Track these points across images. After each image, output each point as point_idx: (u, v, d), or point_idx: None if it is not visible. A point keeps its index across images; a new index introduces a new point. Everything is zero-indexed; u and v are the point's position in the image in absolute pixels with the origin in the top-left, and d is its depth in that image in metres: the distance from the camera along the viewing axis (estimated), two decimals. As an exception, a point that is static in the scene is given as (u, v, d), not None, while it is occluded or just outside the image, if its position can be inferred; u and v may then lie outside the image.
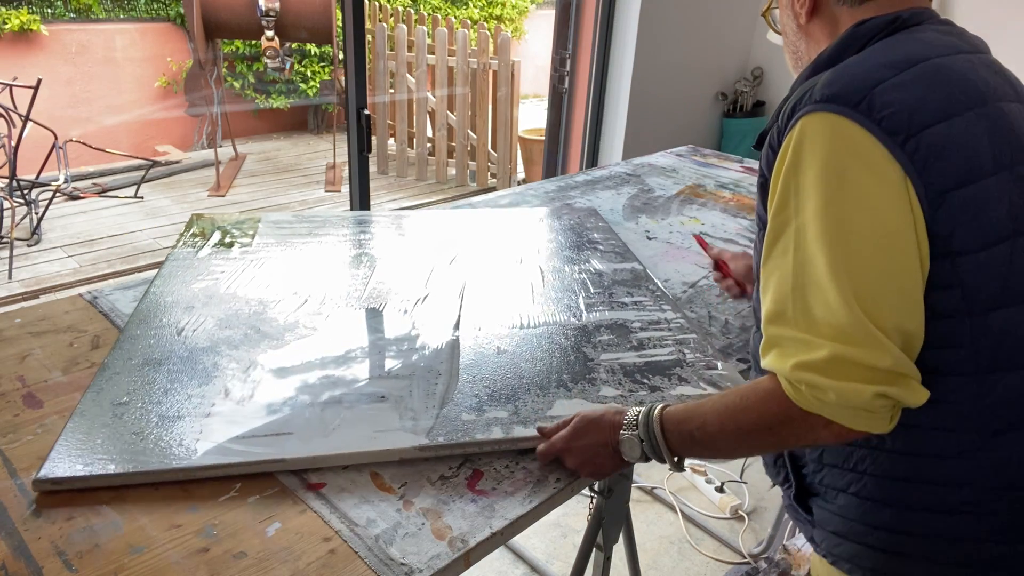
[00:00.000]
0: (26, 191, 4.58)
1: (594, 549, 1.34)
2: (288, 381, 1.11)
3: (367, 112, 2.46)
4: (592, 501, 1.32)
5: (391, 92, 5.92)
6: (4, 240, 4.25)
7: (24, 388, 1.10)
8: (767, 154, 0.85)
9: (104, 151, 5.37)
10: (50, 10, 5.96)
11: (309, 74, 6.81)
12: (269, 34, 5.30)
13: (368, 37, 5.42)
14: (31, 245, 4.44)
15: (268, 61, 5.50)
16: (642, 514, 2.36)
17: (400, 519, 0.88)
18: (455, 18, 6.85)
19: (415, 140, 6.03)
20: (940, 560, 0.84)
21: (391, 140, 6.15)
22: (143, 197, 5.32)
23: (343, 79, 3.00)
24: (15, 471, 0.92)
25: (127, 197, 5.30)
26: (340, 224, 1.72)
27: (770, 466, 1.01)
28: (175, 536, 0.84)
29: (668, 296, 1.45)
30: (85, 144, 5.25)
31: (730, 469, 2.54)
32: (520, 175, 6.02)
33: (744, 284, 1.34)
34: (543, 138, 3.94)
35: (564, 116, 3.60)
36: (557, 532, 2.25)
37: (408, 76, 5.78)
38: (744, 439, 0.84)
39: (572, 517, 2.29)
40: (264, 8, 5.20)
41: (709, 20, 3.64)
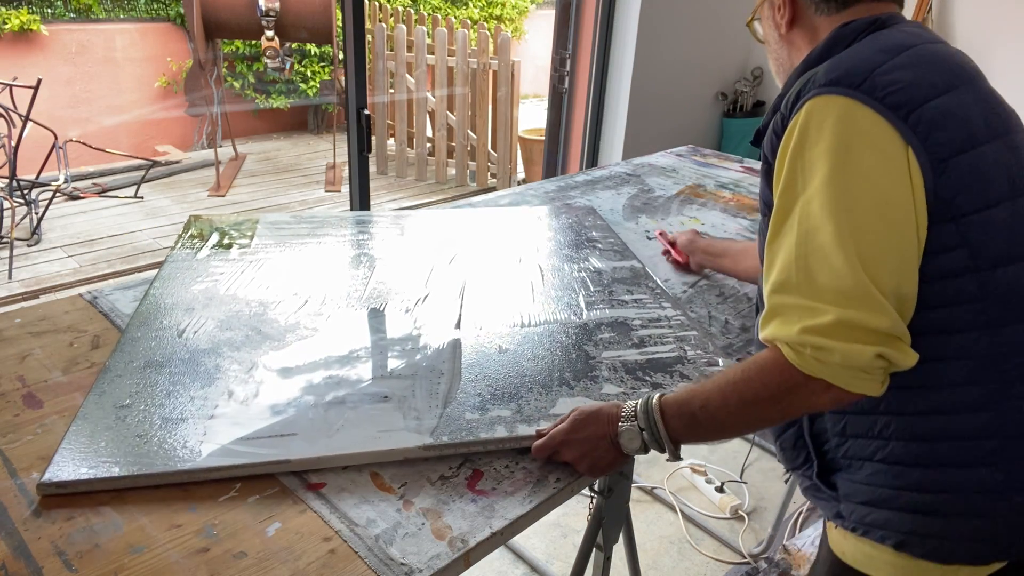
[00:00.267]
0: (26, 191, 4.58)
1: (594, 549, 1.35)
2: (291, 382, 1.11)
3: (367, 112, 2.46)
4: (592, 501, 1.32)
5: (391, 92, 5.92)
6: (4, 240, 4.26)
7: (24, 388, 1.10)
8: (771, 139, 0.90)
9: (104, 151, 5.38)
10: (50, 10, 5.96)
11: (309, 74, 6.81)
12: (269, 34, 5.30)
13: (368, 37, 5.41)
14: (31, 245, 4.44)
15: (268, 61, 5.50)
16: (642, 514, 2.36)
17: (400, 519, 0.88)
18: (455, 18, 6.85)
19: (415, 140, 6.03)
20: (972, 514, 0.86)
21: (391, 140, 6.15)
22: (143, 197, 5.33)
23: (343, 79, 3.00)
24: (15, 471, 0.92)
25: (127, 197, 5.30)
26: (339, 224, 1.72)
27: (788, 450, 1.01)
28: (175, 536, 0.84)
29: (668, 294, 1.45)
30: (85, 144, 5.25)
31: (730, 469, 2.54)
32: (520, 175, 6.02)
33: (684, 254, 1.58)
34: (543, 138, 3.94)
35: (564, 116, 3.60)
36: (557, 532, 2.25)
37: (408, 76, 5.78)
38: (748, 411, 0.86)
39: (572, 517, 2.29)
40: (264, 8, 5.20)
41: (709, 20, 3.63)
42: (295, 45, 6.47)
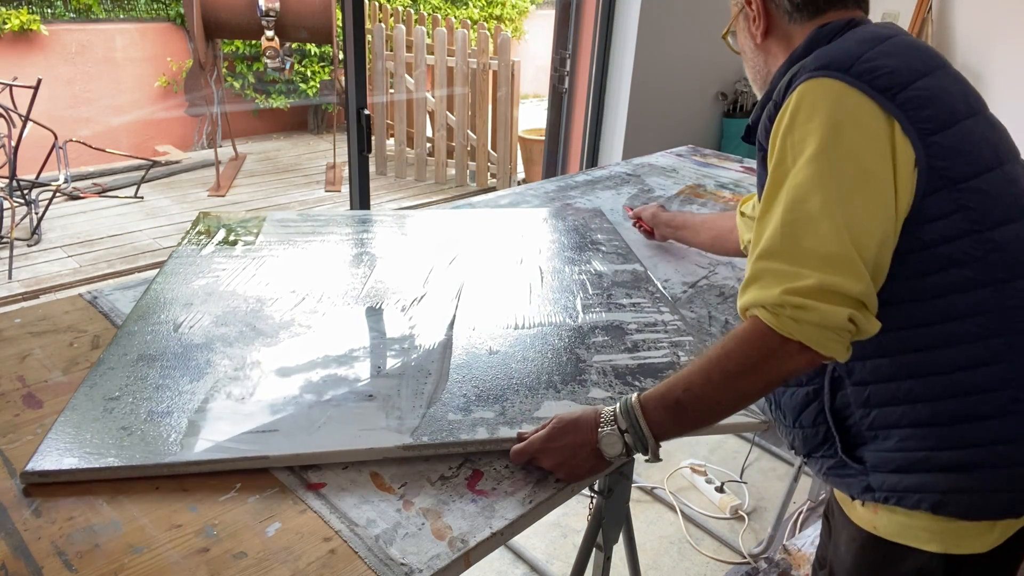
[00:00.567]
0: (26, 191, 4.58)
1: (594, 549, 1.34)
2: (280, 379, 1.11)
3: (367, 112, 2.46)
4: (592, 501, 1.32)
5: (390, 92, 5.92)
6: (4, 240, 4.26)
7: (24, 388, 1.10)
8: (765, 126, 0.95)
9: (104, 151, 5.37)
10: (50, 10, 5.96)
11: (309, 74, 6.81)
12: (269, 34, 5.30)
13: (367, 37, 5.41)
14: (31, 245, 4.44)
15: (268, 61, 5.50)
16: (642, 514, 2.36)
17: (400, 519, 0.88)
18: (455, 18, 6.85)
19: (414, 140, 6.03)
20: (1002, 464, 0.89)
21: (390, 140, 6.14)
22: (143, 197, 5.33)
23: (343, 79, 3.00)
24: (15, 471, 0.92)
25: (127, 197, 5.30)
26: (343, 223, 1.72)
27: (808, 427, 1.02)
28: (175, 536, 0.84)
29: (667, 298, 1.45)
30: (85, 144, 5.25)
31: (730, 469, 2.54)
32: (520, 175, 6.02)
33: (651, 227, 1.71)
34: (543, 138, 3.94)
35: (564, 116, 3.60)
36: (557, 532, 2.25)
37: (407, 77, 5.78)
38: (732, 385, 0.87)
39: (572, 517, 2.29)
40: (264, 8, 5.20)
41: (709, 20, 3.63)
42: (295, 45, 6.47)
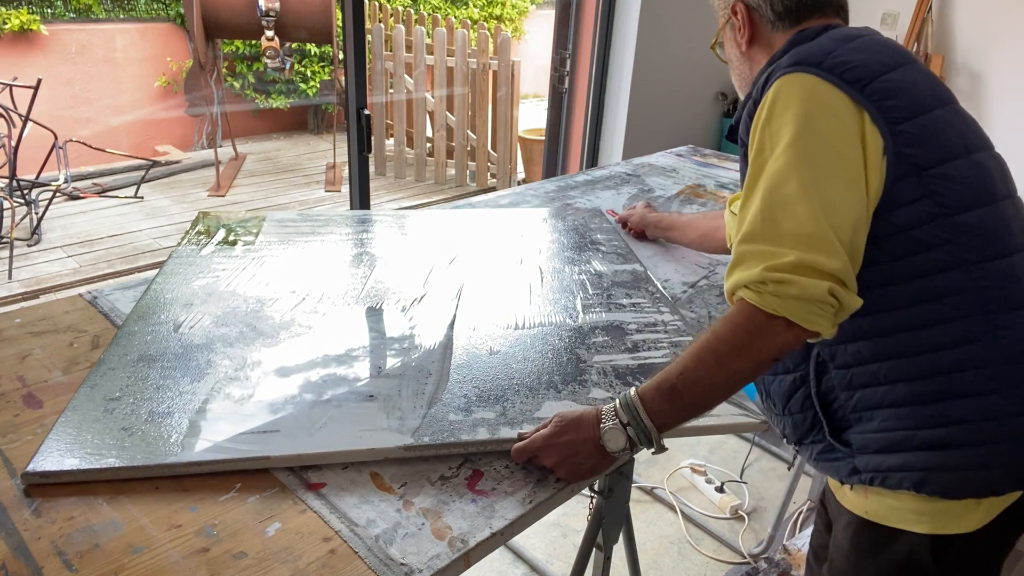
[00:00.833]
0: (26, 191, 4.58)
1: (594, 549, 1.34)
2: (280, 379, 1.11)
3: (367, 112, 2.46)
4: (592, 501, 1.32)
5: (390, 92, 5.92)
6: (4, 240, 4.26)
7: (24, 388, 1.10)
8: (745, 123, 0.99)
9: (104, 151, 5.38)
10: (50, 10, 5.96)
11: (309, 74, 6.81)
12: (269, 34, 5.30)
13: (367, 37, 5.41)
14: (31, 245, 4.44)
15: (268, 61, 5.50)
16: (642, 514, 2.36)
17: (400, 519, 0.88)
18: (455, 18, 6.85)
19: (414, 140, 6.03)
20: (983, 441, 0.92)
21: (389, 140, 6.14)
22: (143, 197, 5.33)
23: (343, 79, 3.00)
24: (15, 471, 0.92)
25: (127, 197, 5.31)
26: (343, 223, 1.72)
27: (797, 413, 1.05)
28: (175, 536, 0.84)
29: (667, 298, 1.45)
30: (85, 144, 5.25)
31: (730, 469, 2.54)
32: (520, 175, 6.02)
33: (640, 229, 1.75)
34: (543, 138, 3.94)
35: (564, 116, 3.60)
36: (557, 532, 2.25)
37: (406, 77, 5.78)
38: (725, 366, 0.89)
39: (572, 517, 2.29)
40: (264, 8, 5.20)
41: (709, 20, 3.63)
42: (295, 45, 6.47)
